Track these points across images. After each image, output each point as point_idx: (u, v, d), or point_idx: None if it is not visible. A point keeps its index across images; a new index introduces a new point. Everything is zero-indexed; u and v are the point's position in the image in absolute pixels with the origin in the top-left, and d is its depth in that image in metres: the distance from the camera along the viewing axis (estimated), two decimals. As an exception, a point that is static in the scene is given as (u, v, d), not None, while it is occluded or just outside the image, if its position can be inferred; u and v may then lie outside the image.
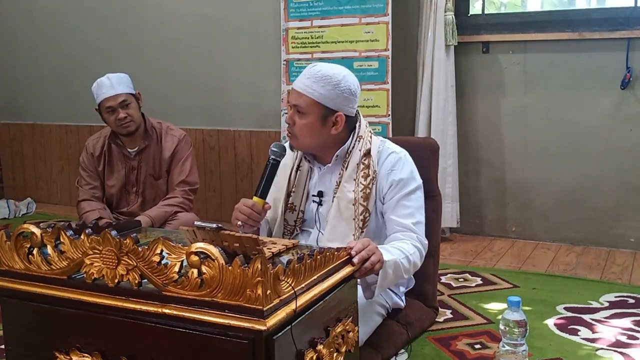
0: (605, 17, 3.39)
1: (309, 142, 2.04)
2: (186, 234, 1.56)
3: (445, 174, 3.53)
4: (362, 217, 2.03)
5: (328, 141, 2.05)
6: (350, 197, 2.03)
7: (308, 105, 1.99)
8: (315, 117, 2.00)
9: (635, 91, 3.36)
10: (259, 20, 4.05)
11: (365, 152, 2.06)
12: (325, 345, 1.44)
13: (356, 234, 2.02)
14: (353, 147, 2.06)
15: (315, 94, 1.98)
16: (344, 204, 2.04)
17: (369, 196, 2.03)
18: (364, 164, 2.05)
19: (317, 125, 2.01)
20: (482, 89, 3.68)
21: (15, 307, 1.50)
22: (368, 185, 2.03)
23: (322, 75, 1.99)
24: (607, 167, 3.46)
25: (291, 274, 1.31)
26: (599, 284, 2.91)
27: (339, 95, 1.99)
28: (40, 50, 4.91)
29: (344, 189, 2.05)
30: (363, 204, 2.02)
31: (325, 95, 1.98)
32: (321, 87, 1.98)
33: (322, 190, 2.12)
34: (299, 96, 2.00)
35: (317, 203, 2.12)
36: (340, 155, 2.07)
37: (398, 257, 1.88)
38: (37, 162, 5.06)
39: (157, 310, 1.29)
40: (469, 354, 2.21)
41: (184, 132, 3.25)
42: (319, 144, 2.06)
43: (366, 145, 2.06)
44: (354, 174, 2.04)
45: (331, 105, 1.99)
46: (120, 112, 3.00)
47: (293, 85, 2.06)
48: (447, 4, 3.48)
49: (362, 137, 2.07)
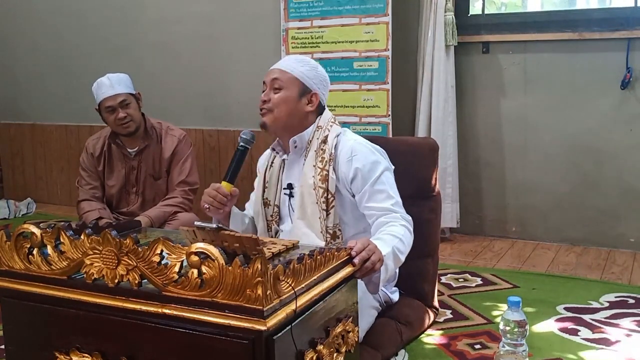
0: (605, 17, 3.40)
1: (283, 115, 2.09)
2: (186, 234, 1.55)
3: (445, 174, 3.53)
4: (324, 200, 2.06)
5: (299, 119, 2.11)
6: (310, 182, 2.08)
7: (288, 80, 2.10)
8: (294, 92, 2.10)
9: (635, 91, 3.36)
10: (259, 20, 4.05)
11: (323, 139, 2.11)
12: (325, 345, 1.44)
13: (322, 216, 2.06)
14: (313, 136, 2.12)
15: (295, 71, 2.10)
16: (307, 190, 2.09)
17: (326, 178, 2.06)
18: (321, 150, 2.10)
19: (294, 99, 2.10)
20: (482, 89, 3.68)
21: (15, 307, 1.50)
22: (324, 168, 2.07)
23: (303, 58, 2.19)
24: (607, 167, 3.46)
25: (291, 274, 1.31)
26: (599, 284, 2.91)
27: (317, 77, 2.13)
28: (40, 50, 4.91)
29: (305, 176, 2.10)
30: (322, 186, 2.06)
31: (305, 73, 2.11)
32: (301, 66, 2.13)
33: (291, 182, 2.17)
34: (280, 72, 2.11)
35: (288, 195, 2.18)
36: (299, 143, 2.13)
37: (393, 245, 1.90)
38: (37, 162, 5.06)
39: (157, 310, 1.29)
40: (469, 354, 2.21)
41: (184, 132, 3.25)
42: (291, 120, 2.11)
43: (324, 132, 2.12)
44: (313, 160, 2.10)
45: (309, 84, 2.11)
46: (119, 112, 3.00)
47: (272, 67, 2.15)
48: (447, 4, 3.48)
49: (321, 127, 2.13)
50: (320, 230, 2.06)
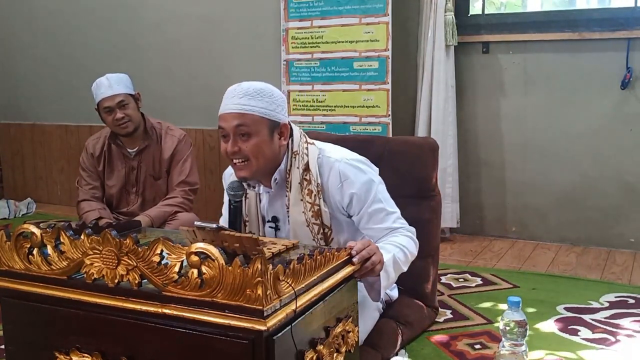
0: (605, 17, 3.39)
1: (263, 162, 1.90)
2: (186, 234, 1.55)
3: (445, 174, 3.53)
4: (321, 235, 1.97)
5: (276, 157, 1.94)
6: (301, 219, 1.97)
7: (254, 122, 1.85)
8: (264, 134, 1.88)
9: (635, 91, 3.36)
10: (259, 20, 4.05)
11: (304, 167, 1.96)
12: (325, 345, 1.44)
13: None
14: (290, 165, 1.96)
15: (256, 110, 1.86)
16: (299, 227, 1.98)
17: (319, 213, 1.95)
18: (306, 180, 1.95)
19: (268, 141, 1.88)
20: (482, 89, 3.68)
21: (15, 307, 1.50)
22: (314, 203, 1.95)
23: (256, 90, 1.88)
24: (607, 167, 3.46)
25: (291, 274, 1.31)
26: (599, 284, 2.91)
27: (277, 105, 1.90)
28: (40, 50, 4.91)
29: (294, 213, 1.97)
30: (316, 222, 1.96)
31: (266, 108, 1.87)
32: (259, 101, 1.87)
33: (276, 215, 2.05)
34: (241, 116, 1.85)
35: (274, 228, 2.06)
36: (279, 179, 1.97)
37: (394, 253, 1.87)
38: (37, 162, 5.06)
39: (157, 310, 1.29)
40: (469, 354, 2.21)
41: (184, 133, 3.25)
42: (271, 161, 1.92)
43: (303, 159, 1.96)
44: (299, 194, 1.96)
45: (274, 117, 1.89)
46: (117, 112, 2.99)
47: (225, 111, 1.88)
48: (447, 4, 3.48)
49: (297, 153, 1.96)
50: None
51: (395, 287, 2.29)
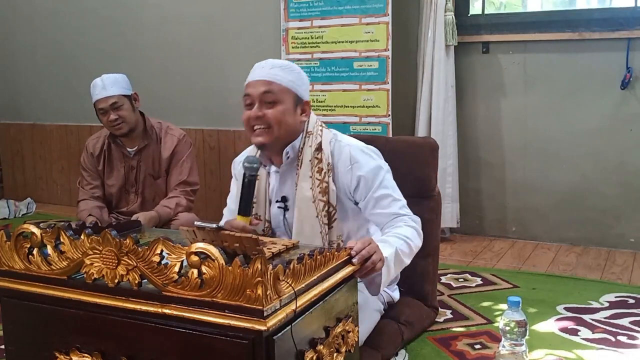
0: (605, 17, 3.39)
1: (283, 132, 1.94)
2: (186, 234, 1.55)
3: (445, 174, 3.53)
4: (325, 213, 1.98)
5: (295, 131, 1.99)
6: (308, 195, 1.98)
7: (281, 91, 1.92)
8: (289, 104, 1.94)
9: (635, 91, 3.36)
10: (259, 20, 4.05)
11: (317, 147, 2.00)
12: (325, 345, 1.44)
13: (323, 230, 1.98)
14: (303, 144, 2.01)
15: (285, 81, 1.93)
16: (305, 203, 1.99)
17: (326, 190, 1.97)
18: (317, 159, 1.99)
19: (291, 111, 1.95)
20: (482, 89, 3.68)
21: (15, 307, 1.50)
22: (324, 179, 1.97)
23: (284, 65, 1.98)
24: (607, 167, 3.46)
25: (291, 274, 1.31)
26: (599, 284, 2.91)
27: (304, 83, 1.99)
28: (40, 50, 4.91)
29: (302, 188, 1.99)
30: (323, 199, 1.98)
31: (293, 81, 1.95)
32: (288, 74, 1.95)
33: (285, 195, 2.06)
34: (269, 84, 1.92)
35: (283, 208, 2.07)
36: (291, 154, 2.01)
37: (397, 246, 1.86)
38: (37, 162, 5.06)
39: (157, 310, 1.29)
40: (469, 354, 2.21)
41: (184, 132, 3.25)
42: (291, 134, 1.98)
43: (316, 139, 2.01)
44: (309, 171, 1.99)
45: (300, 93, 1.97)
46: (111, 114, 2.99)
47: (253, 78, 1.95)
48: (447, 4, 3.48)
49: (311, 133, 2.02)
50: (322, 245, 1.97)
51: (396, 289, 2.29)
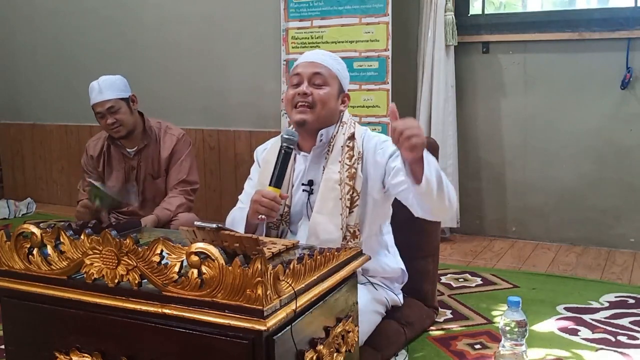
0: (605, 17, 3.39)
1: (324, 113, 2.02)
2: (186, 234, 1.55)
3: (445, 174, 3.49)
4: (349, 197, 2.00)
5: (332, 118, 2.06)
6: (335, 177, 2.02)
7: (330, 76, 2.03)
8: (335, 89, 2.04)
9: (635, 91, 3.36)
10: (259, 20, 4.05)
11: (350, 136, 2.06)
12: (325, 345, 1.44)
13: (344, 213, 1.99)
14: (337, 132, 2.07)
15: (334, 69, 2.04)
16: (330, 184, 2.02)
17: (354, 176, 2.01)
18: (348, 147, 2.04)
19: (335, 96, 2.05)
20: (482, 89, 3.68)
21: (15, 307, 1.50)
22: (353, 165, 2.02)
23: (333, 55, 2.10)
24: (607, 167, 3.46)
25: (291, 274, 1.31)
26: (599, 284, 2.91)
27: (347, 77, 2.11)
28: (40, 50, 4.91)
29: (330, 170, 2.03)
30: (349, 183, 2.00)
31: (341, 72, 2.08)
32: (337, 63, 2.07)
33: (312, 179, 2.09)
34: (321, 66, 2.02)
35: (308, 192, 2.09)
36: (325, 138, 2.06)
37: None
38: (37, 162, 5.06)
39: (157, 310, 1.29)
40: (469, 354, 2.21)
41: (183, 132, 3.25)
42: (329, 118, 2.05)
43: (350, 129, 2.07)
44: (339, 156, 2.04)
45: (343, 83, 2.08)
46: (108, 117, 3.00)
47: (306, 59, 2.06)
48: (447, 4, 3.48)
49: (345, 123, 2.09)
50: (340, 226, 1.98)
51: (400, 293, 2.28)
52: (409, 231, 2.27)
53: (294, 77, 2.04)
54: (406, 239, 2.28)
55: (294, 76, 2.04)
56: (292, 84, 2.05)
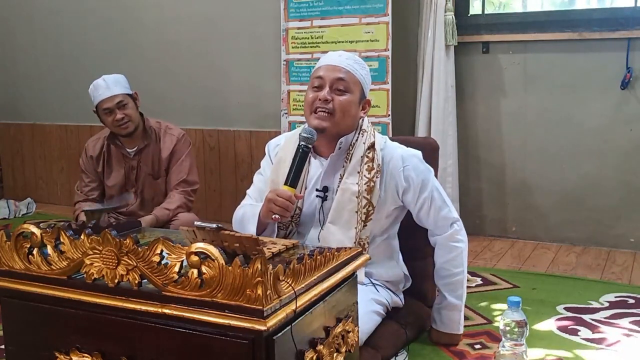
0: (605, 17, 3.39)
1: (344, 121, 1.96)
2: (186, 234, 1.55)
3: (445, 174, 3.53)
4: (365, 211, 1.98)
5: (353, 123, 2.01)
6: (353, 189, 1.98)
7: (353, 82, 1.97)
8: (357, 97, 1.99)
9: (635, 91, 3.36)
10: (259, 20, 4.05)
11: (370, 145, 2.01)
12: (325, 345, 1.44)
13: (358, 227, 1.98)
14: (357, 140, 2.02)
15: (358, 74, 1.98)
16: (347, 196, 1.99)
17: (372, 190, 1.98)
18: (367, 157, 2.00)
19: (356, 103, 1.99)
20: (482, 89, 3.68)
21: (15, 307, 1.50)
22: (372, 179, 1.98)
23: (358, 59, 2.01)
24: (607, 167, 3.46)
25: (291, 274, 1.31)
26: (599, 284, 2.91)
27: (369, 82, 2.04)
28: (40, 50, 4.91)
29: (348, 181, 1.99)
30: (367, 197, 1.98)
31: (364, 77, 2.01)
32: (362, 68, 2.00)
33: (327, 185, 2.05)
34: (345, 72, 1.95)
35: (322, 198, 2.04)
36: (344, 144, 2.01)
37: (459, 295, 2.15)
38: (37, 162, 5.06)
39: (157, 310, 1.29)
40: (469, 354, 2.21)
41: (183, 132, 3.25)
42: (349, 125, 2.00)
43: (370, 138, 2.02)
44: (358, 166, 2.00)
45: (365, 89, 2.02)
46: (117, 113, 2.99)
47: (330, 61, 1.99)
48: (447, 4, 3.48)
49: (365, 131, 2.03)
50: (353, 240, 1.97)
51: (402, 294, 2.28)
52: (409, 232, 2.27)
53: (315, 79, 1.98)
54: (406, 241, 2.28)
55: (316, 79, 1.97)
56: (312, 85, 1.98)
